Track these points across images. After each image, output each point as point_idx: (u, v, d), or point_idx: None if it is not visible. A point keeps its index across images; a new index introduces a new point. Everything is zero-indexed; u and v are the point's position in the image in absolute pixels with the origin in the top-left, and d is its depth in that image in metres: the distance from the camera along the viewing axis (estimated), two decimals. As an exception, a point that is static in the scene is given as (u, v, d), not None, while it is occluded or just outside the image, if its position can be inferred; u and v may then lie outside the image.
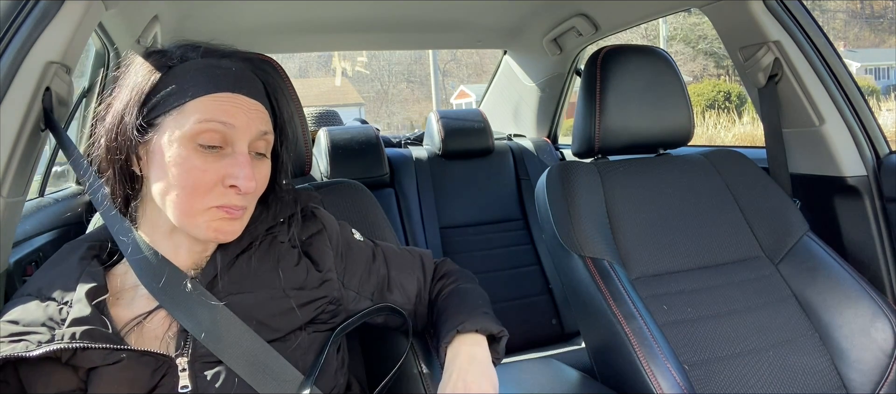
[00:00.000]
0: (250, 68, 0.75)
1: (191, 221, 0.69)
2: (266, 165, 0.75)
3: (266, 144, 0.74)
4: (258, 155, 0.73)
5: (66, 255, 0.74)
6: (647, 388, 1.00)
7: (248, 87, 0.72)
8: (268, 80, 0.77)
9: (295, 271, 0.77)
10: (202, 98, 0.68)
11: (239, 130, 0.69)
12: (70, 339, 0.62)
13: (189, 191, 0.67)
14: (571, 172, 1.26)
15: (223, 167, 0.68)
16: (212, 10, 1.75)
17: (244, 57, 0.77)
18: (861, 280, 1.18)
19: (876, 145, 1.36)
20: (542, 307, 2.14)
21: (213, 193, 0.68)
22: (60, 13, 0.83)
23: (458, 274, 0.96)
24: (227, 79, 0.70)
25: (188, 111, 0.68)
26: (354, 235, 0.89)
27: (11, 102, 0.78)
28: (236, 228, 0.72)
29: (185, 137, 0.67)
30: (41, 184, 1.34)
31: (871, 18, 28.18)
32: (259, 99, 0.73)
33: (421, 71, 30.82)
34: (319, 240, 0.82)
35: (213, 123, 0.67)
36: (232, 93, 0.70)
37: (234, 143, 0.69)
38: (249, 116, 0.70)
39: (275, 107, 0.77)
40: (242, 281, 0.73)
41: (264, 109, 0.73)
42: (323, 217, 0.85)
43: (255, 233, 0.77)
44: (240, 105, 0.70)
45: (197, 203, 0.68)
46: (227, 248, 0.75)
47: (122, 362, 0.64)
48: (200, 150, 0.67)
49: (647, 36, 18.54)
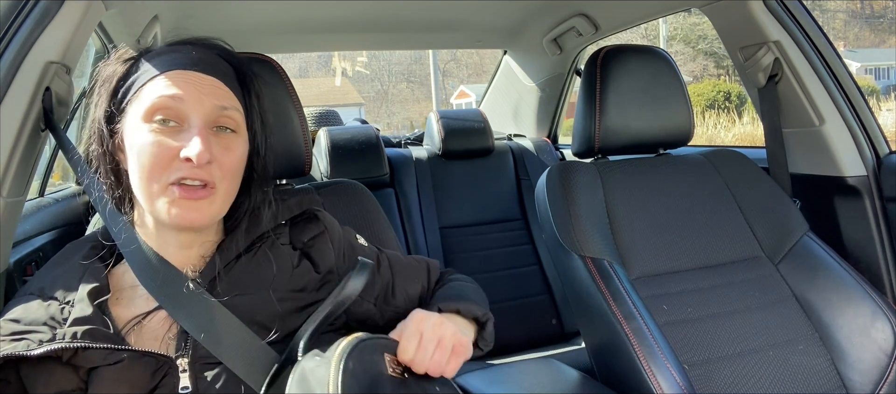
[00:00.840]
0: (217, 53, 0.75)
1: (154, 206, 0.68)
2: (235, 141, 0.72)
3: (232, 121, 0.72)
4: (222, 129, 0.71)
5: (68, 254, 0.74)
6: (647, 388, 1.00)
7: (206, 66, 0.72)
8: (240, 67, 0.77)
9: (295, 274, 0.76)
10: (156, 78, 0.69)
11: (190, 104, 0.68)
12: (71, 338, 0.62)
13: (147, 170, 0.67)
14: (571, 172, 1.26)
15: (178, 142, 0.67)
16: (212, 10, 1.75)
17: (213, 44, 0.76)
18: (861, 280, 1.18)
19: (876, 145, 1.36)
20: (542, 307, 2.14)
21: (170, 169, 0.67)
22: (60, 13, 0.84)
23: (460, 276, 0.95)
24: (183, 59, 0.71)
25: (144, 93, 0.69)
26: (358, 240, 0.88)
27: (11, 102, 0.78)
28: (202, 210, 0.69)
29: (141, 117, 0.68)
30: (41, 184, 1.35)
31: (871, 18, 28.18)
32: (219, 77, 0.72)
33: (421, 71, 30.82)
34: (321, 241, 0.81)
35: (162, 98, 0.67)
36: (185, 70, 0.70)
37: (188, 117, 0.68)
38: (203, 90, 0.70)
39: (248, 91, 0.76)
40: (242, 283, 0.73)
41: (227, 87, 0.72)
42: (325, 219, 0.85)
43: (255, 234, 0.77)
44: (191, 80, 0.69)
45: (155, 182, 0.67)
46: (227, 249, 0.75)
47: (122, 362, 0.64)
48: (156, 128, 0.67)
49: (647, 36, 18.54)
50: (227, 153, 0.71)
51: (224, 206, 0.73)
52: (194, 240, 0.74)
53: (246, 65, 0.78)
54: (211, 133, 0.70)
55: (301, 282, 0.76)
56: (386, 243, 1.04)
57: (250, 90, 0.77)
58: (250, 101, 0.76)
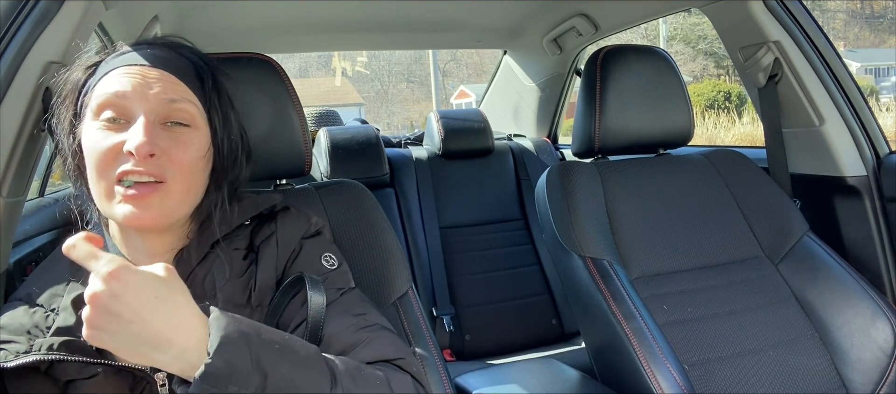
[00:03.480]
0: (175, 50, 0.73)
1: (107, 206, 0.66)
2: (189, 136, 0.68)
3: (185, 115, 0.68)
4: (176, 125, 0.68)
5: (57, 259, 0.72)
6: (647, 388, 1.00)
7: (156, 60, 0.69)
8: (200, 64, 0.73)
9: (237, 284, 0.72)
10: (105, 77, 0.68)
11: (133, 99, 0.66)
12: (47, 350, 0.60)
13: (96, 168, 0.65)
14: (571, 172, 1.26)
15: (123, 136, 0.65)
16: (212, 10, 1.75)
17: (171, 42, 0.74)
18: (861, 280, 1.18)
19: (876, 145, 1.36)
20: (542, 307, 2.14)
21: (115, 164, 0.64)
22: (60, 13, 0.83)
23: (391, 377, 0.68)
24: (134, 57, 0.69)
25: (94, 93, 0.67)
26: (324, 262, 0.77)
27: (11, 101, 0.78)
28: (153, 208, 0.65)
29: (91, 117, 0.67)
30: (41, 184, 1.34)
31: (871, 18, 28.18)
32: (170, 70, 0.69)
33: (421, 71, 30.82)
34: (268, 245, 0.76)
35: (108, 96, 0.66)
36: (132, 66, 0.68)
37: (133, 112, 0.66)
38: (149, 82, 0.67)
39: (204, 85, 0.72)
40: (205, 292, 0.70)
41: (180, 81, 0.69)
42: (282, 221, 0.79)
43: (211, 239, 0.73)
44: (137, 74, 0.67)
45: (103, 180, 0.65)
46: (184, 257, 0.72)
47: (98, 376, 0.62)
48: (103, 125, 0.66)
49: (647, 36, 18.54)
50: (178, 147, 0.67)
51: (180, 204, 0.68)
52: (161, 246, 0.72)
53: (205, 60, 0.75)
54: (162, 128, 0.67)
55: (243, 296, 0.72)
56: (386, 243, 1.01)
57: (207, 83, 0.73)
58: (208, 95, 0.72)
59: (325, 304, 0.68)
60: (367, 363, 0.65)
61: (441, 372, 0.91)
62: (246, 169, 0.78)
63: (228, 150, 0.74)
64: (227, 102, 0.76)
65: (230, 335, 0.54)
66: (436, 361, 0.91)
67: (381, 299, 0.94)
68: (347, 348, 0.67)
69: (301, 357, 0.58)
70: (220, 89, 0.75)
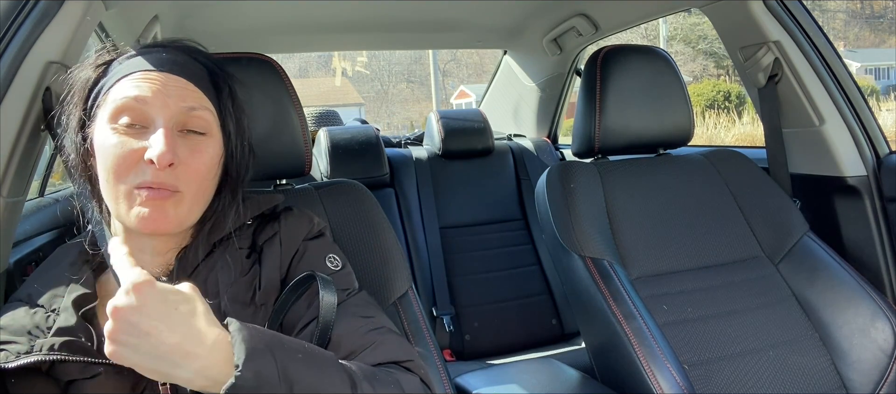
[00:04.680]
0: (190, 55, 0.73)
1: (121, 210, 0.66)
2: (204, 144, 0.70)
3: (202, 122, 0.69)
4: (191, 132, 0.69)
5: (58, 259, 0.73)
6: (647, 388, 1.00)
7: (174, 66, 0.70)
8: (213, 68, 0.74)
9: (241, 283, 0.72)
10: (122, 80, 0.68)
11: (155, 105, 0.66)
12: (48, 350, 0.60)
13: (113, 173, 0.65)
14: (571, 172, 1.26)
15: (142, 143, 0.65)
16: (212, 10, 1.75)
17: (185, 46, 0.74)
18: (861, 280, 1.18)
19: (876, 145, 1.36)
20: (542, 307, 2.14)
21: (134, 172, 0.65)
22: (60, 13, 0.83)
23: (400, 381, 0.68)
24: (151, 61, 0.69)
25: (110, 96, 0.67)
26: (329, 263, 0.77)
27: (11, 101, 0.78)
28: (168, 214, 0.66)
29: (107, 120, 0.67)
30: (41, 184, 1.34)
31: (871, 18, 28.18)
32: (188, 77, 0.70)
33: (421, 71, 30.82)
34: (272, 244, 0.76)
35: (127, 100, 0.66)
36: (151, 71, 0.68)
37: (153, 118, 0.66)
38: (169, 90, 0.67)
39: (221, 92, 0.73)
40: (208, 291, 0.69)
41: (197, 88, 0.70)
42: (286, 221, 0.79)
43: (216, 238, 0.74)
44: (156, 80, 0.67)
45: (120, 185, 0.65)
46: (187, 256, 0.72)
47: (99, 376, 0.62)
48: (120, 130, 0.66)
49: (647, 36, 18.54)
50: (194, 156, 0.68)
51: (192, 210, 0.70)
52: (166, 245, 0.72)
53: (219, 65, 0.76)
54: (179, 135, 0.68)
55: (247, 295, 0.72)
56: (386, 243, 1.01)
57: (223, 91, 0.74)
58: (223, 102, 0.73)
59: (336, 304, 0.68)
60: (376, 365, 0.66)
61: (441, 372, 0.91)
62: (251, 170, 0.79)
63: (241, 156, 0.76)
64: (241, 108, 0.77)
65: (256, 347, 0.54)
66: (436, 361, 0.91)
67: (381, 299, 0.94)
68: (356, 350, 0.67)
69: (322, 364, 0.59)
70: (235, 96, 0.76)
